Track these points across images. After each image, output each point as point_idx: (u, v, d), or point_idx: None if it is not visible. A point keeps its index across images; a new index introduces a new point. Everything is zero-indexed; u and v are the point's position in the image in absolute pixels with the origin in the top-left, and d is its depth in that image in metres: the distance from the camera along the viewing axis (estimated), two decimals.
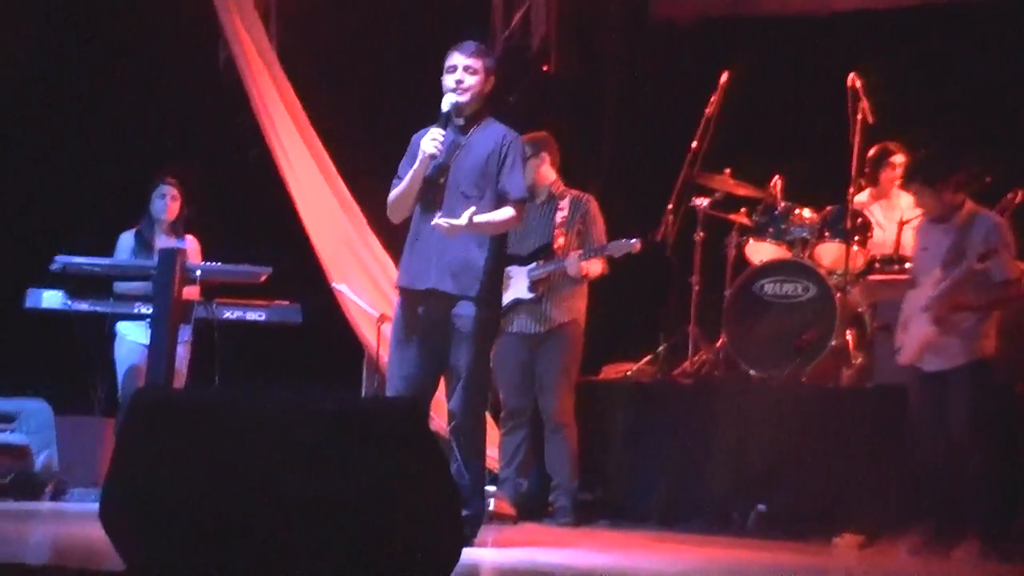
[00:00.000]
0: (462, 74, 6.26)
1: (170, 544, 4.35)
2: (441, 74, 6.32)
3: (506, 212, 6.21)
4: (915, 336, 6.99)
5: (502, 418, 8.07)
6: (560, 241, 7.95)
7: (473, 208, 6.09)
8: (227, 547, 4.28)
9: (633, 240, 7.77)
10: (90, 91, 10.14)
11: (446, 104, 6.25)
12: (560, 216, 7.97)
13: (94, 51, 10.16)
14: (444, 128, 6.23)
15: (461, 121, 6.32)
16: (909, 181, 7.29)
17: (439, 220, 6.10)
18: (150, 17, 9.89)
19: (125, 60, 10.09)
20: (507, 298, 7.75)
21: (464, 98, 6.26)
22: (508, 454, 8.06)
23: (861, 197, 8.77)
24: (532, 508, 8.01)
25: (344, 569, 4.16)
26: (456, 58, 6.29)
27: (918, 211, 8.34)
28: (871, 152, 8.71)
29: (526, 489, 8.02)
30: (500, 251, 6.35)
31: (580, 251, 7.89)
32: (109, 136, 10.06)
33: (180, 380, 8.05)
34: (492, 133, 6.33)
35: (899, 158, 8.69)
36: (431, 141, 6.16)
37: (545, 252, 7.94)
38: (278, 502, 4.20)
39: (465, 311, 6.16)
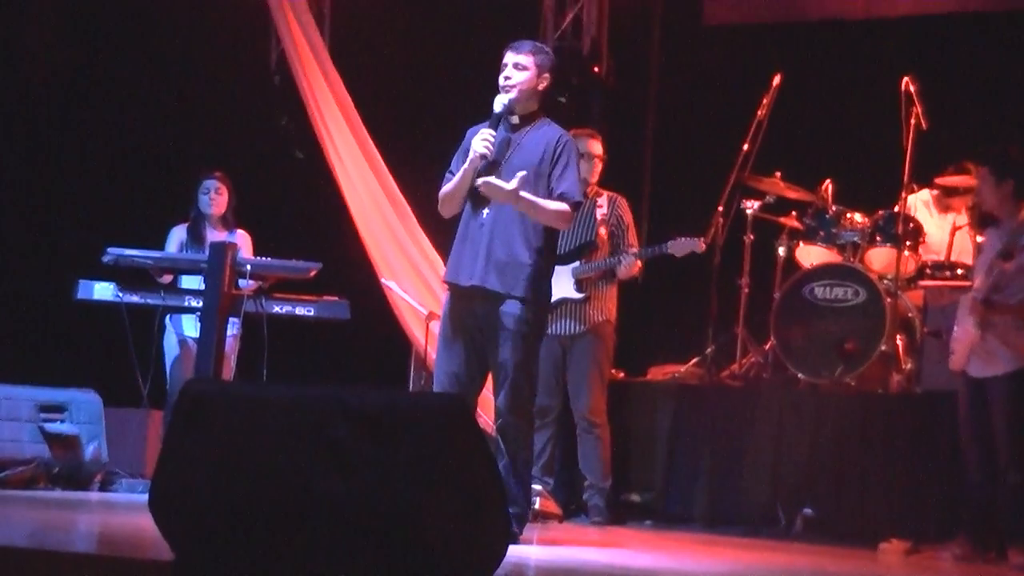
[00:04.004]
0: (511, 71, 6.23)
1: (218, 534, 4.36)
2: (491, 73, 6.31)
3: (558, 204, 6.14)
4: (961, 340, 6.95)
5: None
6: (604, 239, 7.96)
7: (524, 173, 6.02)
8: (275, 539, 4.30)
9: (698, 239, 7.79)
10: (144, 85, 10.21)
11: (498, 104, 6.23)
12: (600, 214, 7.97)
13: (148, 46, 10.23)
14: (495, 128, 6.19)
15: (515, 119, 6.29)
16: (998, 174, 7.07)
17: (484, 179, 6.05)
18: (204, 13, 9.96)
19: (179, 55, 10.16)
20: (553, 297, 7.75)
21: (513, 95, 6.23)
22: (534, 453, 8.04)
23: (923, 195, 8.73)
24: (562, 508, 8.00)
25: (390, 563, 4.16)
26: (508, 56, 6.27)
27: (966, 218, 8.33)
28: (955, 175, 8.60)
29: (552, 488, 7.99)
30: (549, 250, 6.29)
31: (635, 249, 7.90)
32: (162, 130, 10.13)
33: (228, 371, 8.09)
34: (546, 134, 6.28)
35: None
36: (481, 141, 6.13)
37: (586, 250, 7.95)
38: (325, 496, 4.20)
39: (512, 309, 6.12)
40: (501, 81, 6.24)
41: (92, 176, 10.16)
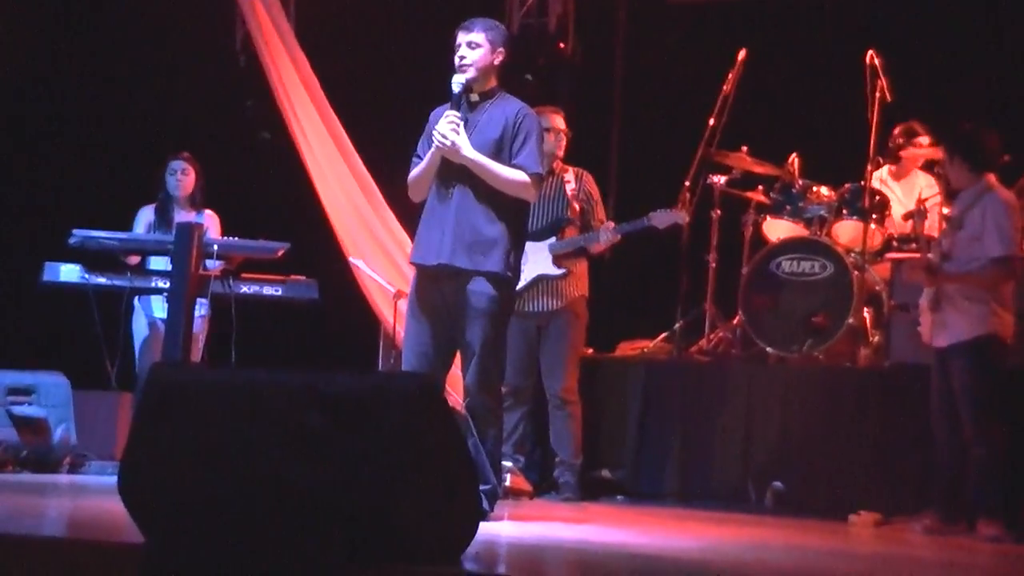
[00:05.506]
0: (465, 50, 6.23)
1: (189, 516, 4.36)
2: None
3: (515, 172, 6.16)
4: (925, 311, 7.00)
5: (503, 395, 8.07)
6: (577, 213, 7.96)
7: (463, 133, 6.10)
8: (245, 520, 4.30)
9: (681, 211, 7.82)
10: (110, 67, 10.16)
11: (455, 85, 6.22)
12: (570, 189, 7.96)
13: (113, 27, 10.18)
14: (458, 109, 6.20)
15: (475, 97, 6.30)
16: (949, 151, 7.13)
17: (439, 137, 6.11)
18: None
19: (144, 36, 10.11)
20: (529, 275, 7.72)
21: (469, 73, 6.23)
22: (506, 431, 8.02)
23: (881, 173, 8.76)
24: (533, 485, 8.00)
25: (361, 543, 4.16)
26: (460, 36, 6.27)
27: (935, 190, 8.36)
28: (896, 131, 8.68)
29: (523, 466, 7.99)
30: (517, 227, 6.28)
31: (612, 224, 7.89)
32: (129, 111, 10.08)
33: (197, 353, 8.06)
34: (505, 108, 6.28)
35: (924, 139, 8.65)
36: (448, 124, 6.13)
37: (560, 227, 7.93)
38: (295, 476, 4.20)
39: (480, 287, 6.13)
40: (456, 62, 6.24)
41: (58, 157, 10.11)
